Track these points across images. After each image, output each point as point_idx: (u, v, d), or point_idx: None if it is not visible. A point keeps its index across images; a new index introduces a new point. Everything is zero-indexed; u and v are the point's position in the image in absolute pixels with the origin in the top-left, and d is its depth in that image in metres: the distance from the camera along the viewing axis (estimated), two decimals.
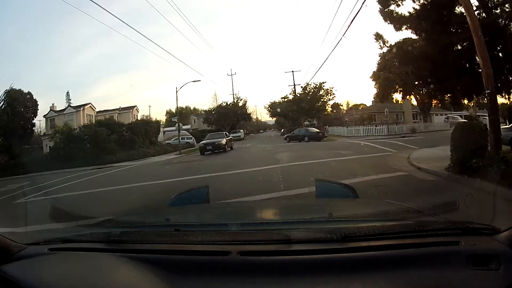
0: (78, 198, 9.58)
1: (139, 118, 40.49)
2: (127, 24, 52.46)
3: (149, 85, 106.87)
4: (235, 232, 1.53)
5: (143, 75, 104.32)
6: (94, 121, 31.89)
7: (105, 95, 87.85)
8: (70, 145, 24.27)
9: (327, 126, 40.32)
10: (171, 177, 11.42)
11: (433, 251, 1.12)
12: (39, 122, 39.91)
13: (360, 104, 59.32)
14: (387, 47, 10.00)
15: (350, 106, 53.51)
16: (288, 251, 1.18)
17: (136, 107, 45.42)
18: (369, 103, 57.56)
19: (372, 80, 41.96)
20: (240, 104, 48.96)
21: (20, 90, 28.66)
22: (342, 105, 47.79)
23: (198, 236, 1.46)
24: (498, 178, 5.66)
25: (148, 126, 32.04)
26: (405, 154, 12.39)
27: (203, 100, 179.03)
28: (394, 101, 44.60)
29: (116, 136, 26.51)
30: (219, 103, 49.74)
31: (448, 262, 1.08)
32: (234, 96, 49.31)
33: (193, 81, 28.28)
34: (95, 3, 11.57)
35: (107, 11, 27.52)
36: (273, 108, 52.50)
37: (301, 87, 42.35)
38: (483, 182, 5.90)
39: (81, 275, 1.20)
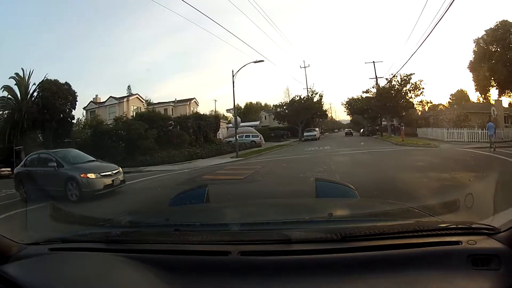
0: None
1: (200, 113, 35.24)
2: (204, 15, 51.24)
3: (221, 82, 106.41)
4: (235, 232, 1.54)
5: (211, 72, 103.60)
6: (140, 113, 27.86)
7: (174, 91, 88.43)
8: (101, 142, 20.41)
9: (403, 126, 34.01)
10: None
11: (433, 251, 1.11)
12: (84, 114, 36.34)
13: (439, 104, 48.85)
14: None
15: (428, 105, 44.26)
16: (288, 251, 1.17)
17: (194, 100, 40.56)
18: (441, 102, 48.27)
19: (470, 71, 35.30)
20: (315, 99, 42.42)
21: (56, 80, 24.95)
22: (431, 102, 40.12)
23: (198, 236, 1.45)
24: None
25: (202, 121, 27.30)
26: None
27: (275, 96, 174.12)
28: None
29: (157, 132, 21.89)
30: (292, 98, 43.80)
31: (448, 262, 1.07)
32: (309, 90, 42.71)
33: (255, 62, 22.74)
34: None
35: (189, 5, 24.84)
36: (351, 105, 47.46)
37: (386, 79, 35.17)
38: None
39: (81, 275, 1.18)
